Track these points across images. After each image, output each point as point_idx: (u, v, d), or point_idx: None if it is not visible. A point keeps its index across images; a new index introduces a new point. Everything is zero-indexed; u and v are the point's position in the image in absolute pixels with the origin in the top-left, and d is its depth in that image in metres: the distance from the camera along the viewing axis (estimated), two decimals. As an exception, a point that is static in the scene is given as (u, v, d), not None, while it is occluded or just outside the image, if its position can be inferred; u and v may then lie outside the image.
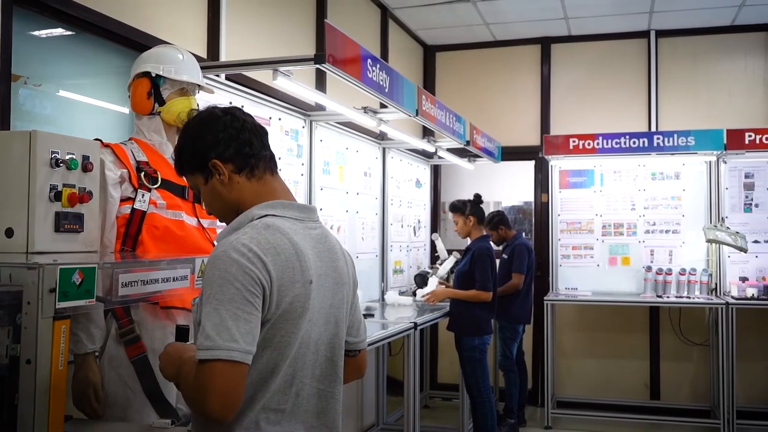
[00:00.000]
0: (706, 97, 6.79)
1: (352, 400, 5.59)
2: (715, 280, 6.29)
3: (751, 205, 6.33)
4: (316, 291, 1.72)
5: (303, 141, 4.57)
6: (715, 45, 6.79)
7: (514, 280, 5.86)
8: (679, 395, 6.67)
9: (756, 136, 5.94)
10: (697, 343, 6.56)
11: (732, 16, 6.42)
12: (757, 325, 6.37)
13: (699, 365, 6.62)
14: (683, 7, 6.23)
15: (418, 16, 6.56)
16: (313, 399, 1.75)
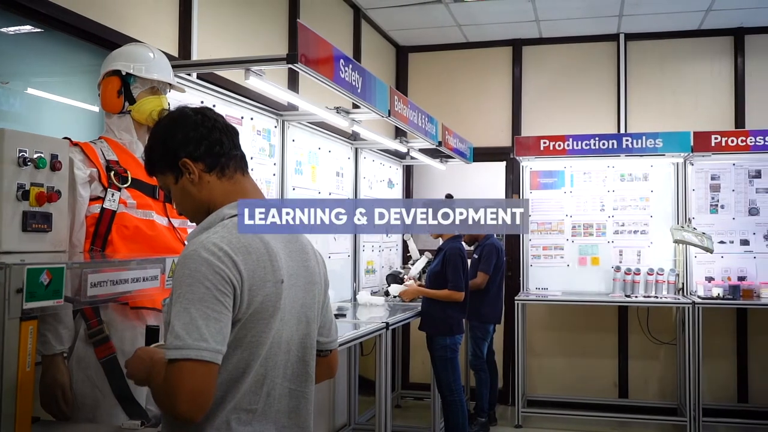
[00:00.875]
0: (673, 99, 6.89)
1: (324, 400, 5.58)
2: (682, 280, 6.39)
3: (716, 206, 6.44)
4: (288, 290, 1.72)
5: (275, 141, 4.56)
6: (682, 49, 6.89)
7: (478, 279, 5.86)
8: (647, 393, 6.76)
9: (722, 138, 6.03)
10: (665, 342, 6.66)
11: (699, 20, 6.52)
12: (723, 324, 6.49)
13: (666, 364, 6.72)
14: (652, 11, 6.32)
15: (391, 16, 6.57)
16: (285, 399, 1.75)
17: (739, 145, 5.99)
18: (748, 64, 6.70)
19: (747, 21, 6.53)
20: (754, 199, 6.37)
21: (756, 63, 6.69)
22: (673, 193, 6.56)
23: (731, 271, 6.31)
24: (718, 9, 6.19)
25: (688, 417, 5.88)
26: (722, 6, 6.12)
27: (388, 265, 6.73)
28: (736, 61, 6.72)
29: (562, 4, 6.18)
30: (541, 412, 6.53)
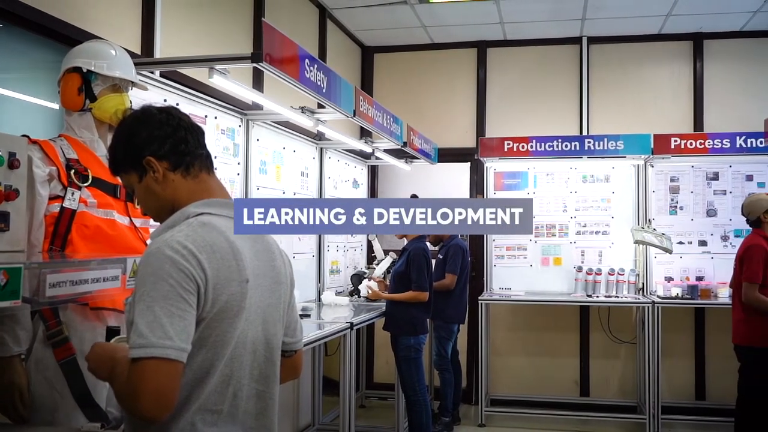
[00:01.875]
0: (634, 102, 7.00)
1: (288, 401, 5.56)
2: (642, 280, 6.50)
3: (676, 207, 6.56)
4: (253, 290, 1.71)
5: (239, 140, 4.53)
6: (643, 52, 7.00)
7: (446, 280, 5.92)
8: (608, 392, 6.86)
9: (681, 141, 6.14)
10: (625, 341, 6.76)
11: (659, 24, 6.64)
12: (682, 323, 6.62)
13: (626, 362, 6.82)
14: (613, 15, 6.41)
15: (357, 17, 6.57)
16: (252, 400, 1.74)
17: (697, 147, 6.11)
18: (706, 68, 6.84)
19: (706, 26, 6.66)
20: (711, 200, 6.50)
21: (714, 67, 6.83)
22: (634, 195, 6.67)
23: (689, 271, 6.44)
24: (677, 14, 6.31)
25: (648, 415, 5.97)
26: (682, 11, 6.23)
27: (353, 265, 6.73)
28: (695, 65, 6.85)
29: (526, 7, 6.24)
30: (504, 411, 6.59)
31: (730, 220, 6.40)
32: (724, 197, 6.49)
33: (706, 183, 6.54)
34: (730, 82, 6.80)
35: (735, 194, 6.39)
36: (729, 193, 6.46)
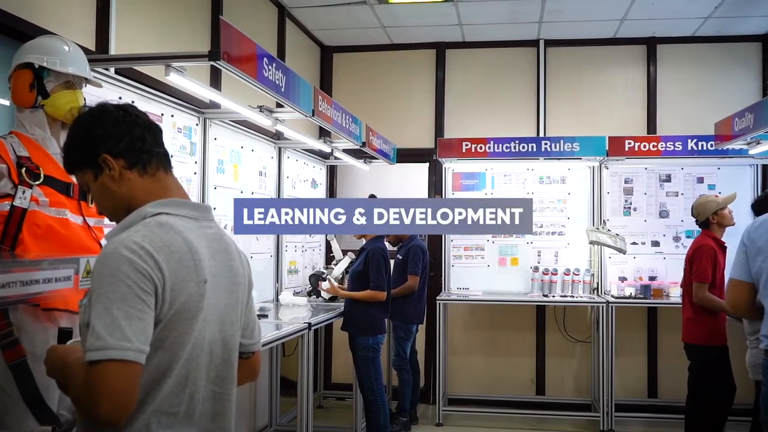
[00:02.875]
0: (590, 105, 7.11)
1: (245, 402, 5.52)
2: (597, 280, 6.60)
3: (630, 208, 6.68)
4: (211, 291, 1.69)
5: (197, 139, 4.48)
6: (598, 56, 7.12)
7: (410, 282, 5.95)
8: (563, 390, 6.96)
9: (635, 143, 6.25)
10: (580, 340, 6.87)
11: (614, 29, 6.75)
12: (635, 322, 6.75)
13: (581, 361, 6.93)
14: (570, 18, 6.50)
15: (316, 16, 6.55)
16: (209, 402, 1.72)
17: (651, 150, 6.22)
18: (659, 72, 6.98)
19: (659, 31, 6.80)
20: (664, 202, 6.64)
21: (667, 71, 6.98)
22: (589, 196, 6.77)
23: (643, 271, 6.57)
24: (632, 18, 6.42)
25: (602, 412, 6.07)
26: (636, 16, 6.35)
27: (311, 265, 6.70)
28: (649, 69, 6.99)
29: (484, 9, 6.29)
30: (462, 410, 6.64)
31: (682, 221, 6.54)
32: (676, 199, 6.63)
33: (658, 185, 6.67)
34: (682, 86, 6.95)
35: (686, 196, 6.53)
36: (681, 194, 6.60)
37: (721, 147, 5.56)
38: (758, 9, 6.10)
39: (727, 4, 5.98)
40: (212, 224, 1.81)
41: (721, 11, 6.16)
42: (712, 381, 4.80)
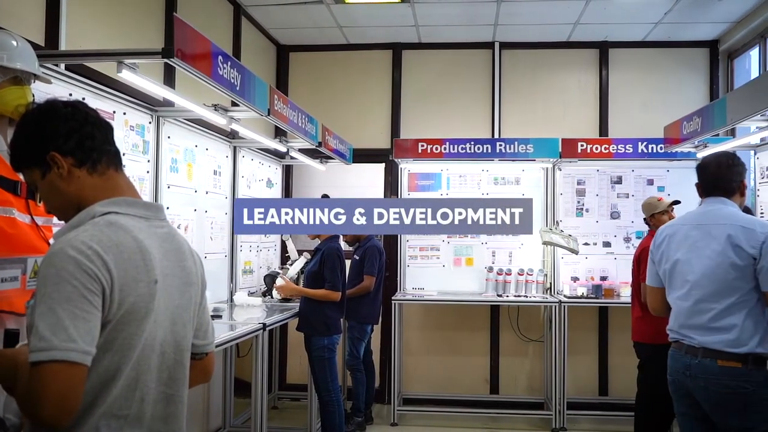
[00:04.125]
0: (544, 107, 7.20)
1: (198, 403, 5.46)
2: (550, 280, 6.70)
3: (582, 209, 6.79)
4: (162, 291, 1.67)
5: (149, 137, 4.41)
6: (552, 59, 7.22)
7: (366, 282, 5.95)
8: (517, 389, 7.04)
9: (587, 145, 6.35)
10: (533, 339, 6.96)
11: (568, 32, 6.86)
12: (586, 321, 6.86)
13: (534, 360, 7.02)
14: (524, 21, 6.58)
15: (272, 15, 6.51)
16: (160, 404, 1.70)
17: (602, 152, 6.33)
18: (611, 76, 7.11)
19: (611, 35, 6.93)
20: (615, 203, 6.76)
21: (619, 75, 7.11)
22: (543, 197, 6.85)
23: (594, 271, 6.68)
24: (585, 22, 6.53)
25: (554, 411, 6.16)
26: (589, 20, 6.46)
27: (266, 265, 6.66)
28: (601, 72, 7.12)
29: (440, 11, 6.33)
30: (417, 410, 6.67)
31: (632, 222, 6.67)
32: (627, 200, 6.76)
33: (610, 186, 6.79)
34: (633, 90, 7.10)
35: (637, 197, 6.66)
36: (631, 196, 6.73)
37: (670, 150, 5.70)
38: (706, 15, 6.26)
39: (676, 10, 6.12)
40: (164, 224, 1.79)
41: (670, 17, 6.31)
42: (659, 378, 4.89)
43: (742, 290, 2.93)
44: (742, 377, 2.89)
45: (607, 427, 6.27)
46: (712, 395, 2.97)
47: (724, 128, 4.60)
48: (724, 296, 2.97)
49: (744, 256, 2.93)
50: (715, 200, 3.19)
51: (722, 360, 2.92)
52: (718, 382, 2.94)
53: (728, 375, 2.92)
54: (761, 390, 2.88)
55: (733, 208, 3.13)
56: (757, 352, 2.89)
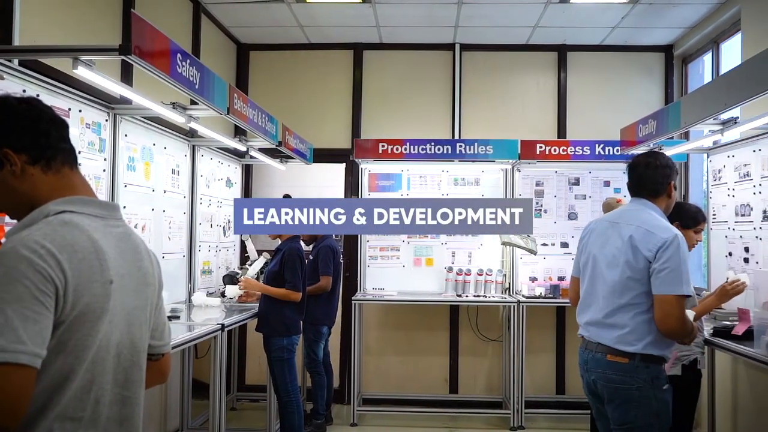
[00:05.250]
0: (504, 108, 7.27)
1: (155, 405, 5.39)
2: (509, 280, 6.76)
3: (540, 210, 6.87)
4: (118, 292, 1.65)
5: (106, 135, 4.34)
6: (512, 61, 7.29)
7: (322, 282, 5.93)
8: (476, 388, 7.09)
9: (546, 147, 6.43)
10: (492, 339, 7.02)
11: (527, 35, 6.93)
12: (544, 321, 6.95)
13: (493, 360, 7.08)
14: (485, 23, 6.63)
15: (232, 13, 6.46)
16: (116, 406, 1.68)
17: (560, 154, 6.41)
18: (569, 78, 7.21)
19: (570, 38, 7.03)
20: (573, 204, 6.86)
21: (576, 78, 7.22)
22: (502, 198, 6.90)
23: (552, 271, 6.77)
24: (544, 26, 6.61)
25: (512, 410, 6.22)
26: (548, 23, 6.54)
27: (225, 265, 6.60)
28: (560, 75, 7.21)
29: (401, 12, 6.35)
30: (376, 410, 6.68)
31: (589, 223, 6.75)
32: (584, 201, 6.86)
33: (568, 188, 6.88)
34: (591, 93, 7.21)
35: (594, 199, 6.77)
36: (589, 197, 6.83)
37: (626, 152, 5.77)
38: (662, 21, 6.39)
39: (633, 15, 6.24)
40: (120, 223, 1.77)
41: (627, 22, 6.42)
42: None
43: (636, 291, 3.00)
44: (627, 373, 2.99)
45: (564, 425, 6.36)
46: (601, 389, 3.08)
47: (678, 131, 4.69)
48: (619, 295, 3.05)
49: (640, 258, 2.99)
50: (637, 201, 3.25)
51: (611, 355, 3.03)
52: (606, 376, 3.05)
53: (614, 370, 3.02)
54: (646, 388, 2.96)
55: (653, 211, 3.17)
56: (645, 353, 2.97)
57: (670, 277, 2.90)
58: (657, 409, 2.97)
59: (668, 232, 2.99)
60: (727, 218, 5.45)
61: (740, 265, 5.17)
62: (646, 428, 2.97)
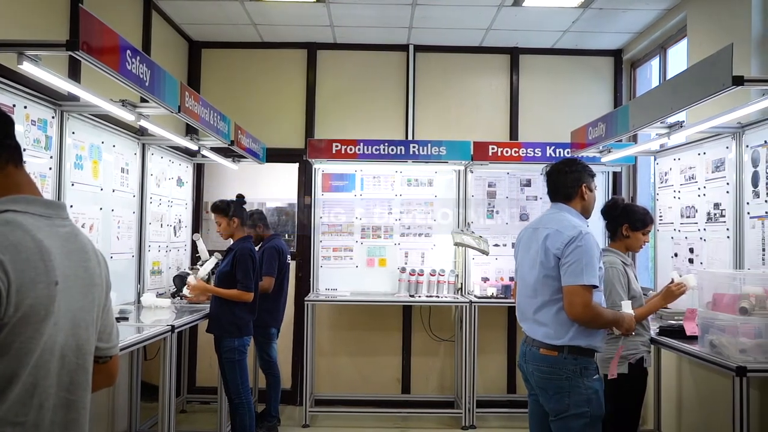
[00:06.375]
0: (457, 110, 7.32)
1: (102, 408, 5.28)
2: (461, 281, 6.81)
3: (492, 211, 6.94)
4: (63, 293, 1.61)
5: (52, 132, 4.24)
6: (465, 63, 7.34)
7: (264, 283, 5.83)
8: (428, 388, 7.13)
9: (498, 149, 6.49)
10: (444, 339, 7.06)
11: (480, 37, 6.99)
12: (496, 320, 7.02)
13: (445, 360, 7.12)
14: (438, 25, 6.67)
15: (184, 10, 6.37)
16: (61, 410, 1.64)
17: (512, 155, 6.48)
18: (522, 81, 7.30)
19: (522, 41, 7.11)
20: (524, 205, 6.94)
21: (528, 81, 7.31)
22: (455, 199, 6.97)
23: (503, 271, 6.84)
24: (497, 28, 6.68)
25: (464, 409, 6.27)
26: (501, 26, 6.61)
27: (176, 265, 6.51)
28: (512, 77, 7.30)
29: (355, 12, 6.34)
30: (328, 411, 6.66)
31: (540, 225, 6.84)
32: (535, 202, 6.94)
33: (520, 189, 6.97)
34: (542, 95, 7.31)
35: (545, 200, 6.77)
36: (540, 198, 6.92)
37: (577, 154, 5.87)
38: (611, 26, 6.51)
39: (583, 19, 6.34)
40: (66, 223, 1.73)
41: (578, 26, 6.53)
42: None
43: (554, 288, 3.24)
44: (557, 365, 3.22)
45: (514, 423, 6.43)
46: (536, 380, 3.31)
47: (626, 134, 4.78)
48: (540, 293, 3.30)
49: (550, 257, 3.24)
50: (554, 206, 3.53)
51: (543, 349, 3.27)
52: (539, 368, 3.28)
53: (547, 362, 3.25)
54: (575, 378, 3.19)
55: (567, 213, 3.41)
56: (573, 344, 3.20)
57: (573, 269, 3.14)
58: (588, 396, 3.19)
59: (574, 229, 3.22)
60: (673, 220, 5.58)
61: (685, 265, 5.30)
62: (581, 416, 3.18)
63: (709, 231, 5.02)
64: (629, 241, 4.11)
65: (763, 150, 4.37)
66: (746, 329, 3.58)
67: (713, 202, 4.98)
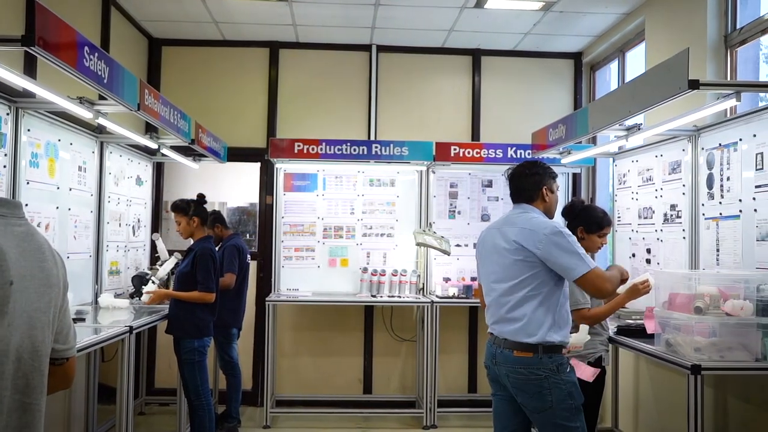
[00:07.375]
0: (420, 110, 7.35)
1: (58, 410, 5.18)
2: (423, 281, 6.83)
3: (454, 212, 6.98)
4: (18, 293, 1.58)
5: (7, 129, 4.15)
6: (428, 64, 7.37)
7: (226, 279, 5.78)
8: (389, 388, 7.14)
9: (460, 149, 6.53)
10: (406, 339, 7.08)
11: (443, 39, 7.03)
12: (457, 321, 7.06)
13: (407, 360, 7.14)
14: (401, 26, 6.68)
15: (144, 6, 6.28)
16: (16, 413, 1.60)
17: (474, 156, 6.52)
18: (483, 82, 7.35)
19: (483, 43, 7.17)
20: (486, 206, 6.99)
21: (490, 82, 7.36)
22: (417, 199, 6.99)
23: (465, 271, 6.87)
24: (459, 30, 6.72)
25: (425, 409, 6.29)
26: (463, 27, 6.65)
27: (135, 266, 6.42)
28: (474, 79, 7.35)
29: (318, 11, 6.32)
30: (289, 412, 6.63)
31: (501, 225, 6.90)
32: (497, 203, 7.00)
33: (481, 189, 7.01)
34: (504, 97, 7.37)
35: (506, 201, 6.88)
36: (501, 199, 6.97)
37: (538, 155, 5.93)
38: (571, 29, 6.60)
39: (544, 22, 6.42)
40: (22, 222, 1.69)
41: (539, 29, 6.60)
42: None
43: (531, 284, 3.26)
44: (534, 365, 3.22)
45: (475, 422, 6.48)
46: (512, 381, 3.30)
47: (586, 136, 4.85)
48: (516, 290, 3.29)
49: (528, 254, 3.25)
50: (517, 207, 3.57)
51: (517, 351, 3.25)
52: (515, 370, 3.27)
53: (522, 364, 3.25)
54: (553, 375, 3.21)
55: (532, 213, 3.46)
56: (547, 341, 3.21)
57: (572, 263, 3.17)
58: (568, 389, 3.22)
59: (547, 226, 3.27)
60: (631, 221, 5.68)
61: (642, 265, 5.40)
62: (566, 409, 3.21)
63: (666, 232, 5.12)
64: (585, 243, 4.11)
65: (717, 152, 4.46)
66: (701, 328, 3.65)
67: (670, 204, 5.08)
